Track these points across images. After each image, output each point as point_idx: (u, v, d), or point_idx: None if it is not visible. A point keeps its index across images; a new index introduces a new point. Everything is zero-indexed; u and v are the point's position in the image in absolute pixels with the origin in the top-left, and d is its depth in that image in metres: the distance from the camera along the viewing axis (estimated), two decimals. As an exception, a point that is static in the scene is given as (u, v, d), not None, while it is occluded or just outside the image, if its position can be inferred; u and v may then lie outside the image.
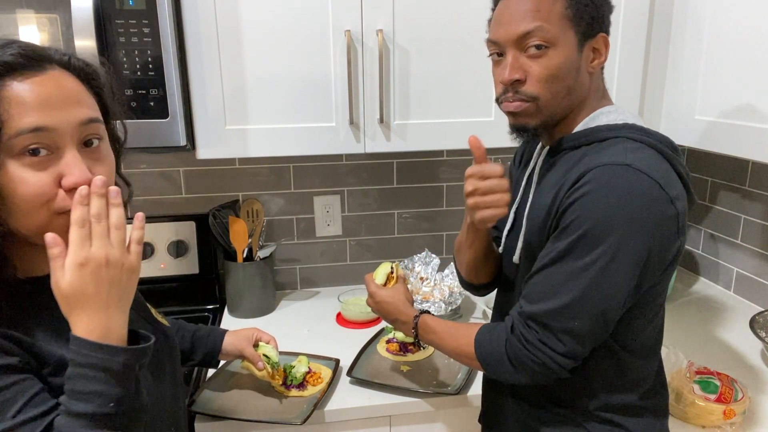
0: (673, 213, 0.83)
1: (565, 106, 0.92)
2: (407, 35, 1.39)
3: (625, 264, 0.82)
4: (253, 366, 1.19)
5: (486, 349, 0.93)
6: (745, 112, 1.22)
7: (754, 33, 1.19)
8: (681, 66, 1.41)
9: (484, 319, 1.66)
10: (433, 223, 1.92)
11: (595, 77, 0.94)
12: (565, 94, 0.90)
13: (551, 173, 0.94)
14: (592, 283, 0.82)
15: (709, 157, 1.83)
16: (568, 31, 0.87)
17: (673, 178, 0.85)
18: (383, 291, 1.19)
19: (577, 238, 0.82)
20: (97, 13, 1.17)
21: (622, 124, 0.90)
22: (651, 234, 0.82)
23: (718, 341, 1.52)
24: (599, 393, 0.93)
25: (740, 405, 1.17)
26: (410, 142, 1.46)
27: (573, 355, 0.86)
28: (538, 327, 0.87)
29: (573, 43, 0.88)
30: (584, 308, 0.83)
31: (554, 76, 0.88)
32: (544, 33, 0.86)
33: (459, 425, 1.33)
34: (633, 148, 0.85)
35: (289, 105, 1.39)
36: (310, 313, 1.72)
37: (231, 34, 1.33)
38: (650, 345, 0.95)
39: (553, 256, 0.85)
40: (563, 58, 0.87)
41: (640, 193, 0.81)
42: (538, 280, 0.88)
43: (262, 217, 1.73)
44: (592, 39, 0.89)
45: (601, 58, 0.91)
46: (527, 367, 0.88)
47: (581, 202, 0.82)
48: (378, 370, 1.38)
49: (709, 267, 1.88)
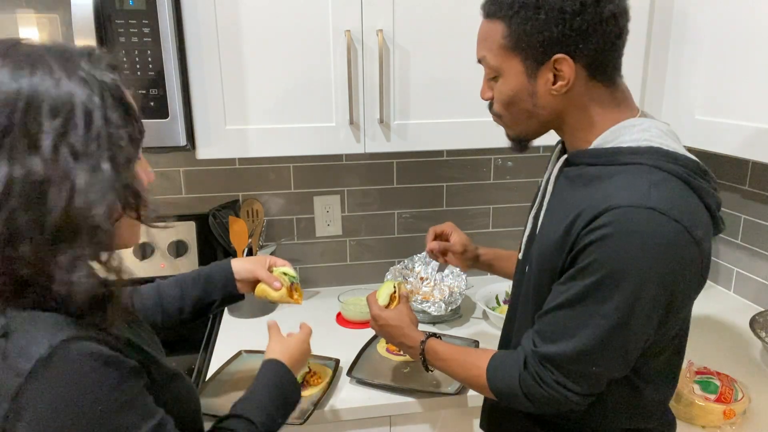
0: (698, 256, 0.80)
1: (534, 127, 0.91)
2: (407, 35, 1.39)
3: (646, 310, 0.79)
4: (269, 289, 1.12)
5: (499, 384, 0.92)
6: (745, 112, 1.22)
7: (754, 33, 1.19)
8: (681, 66, 1.41)
9: (484, 319, 1.66)
10: (433, 223, 1.90)
11: (572, 96, 0.86)
12: (526, 117, 0.90)
13: (568, 188, 0.89)
14: (612, 329, 0.79)
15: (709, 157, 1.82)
16: (512, 60, 0.86)
17: (700, 215, 0.81)
18: (387, 313, 1.16)
19: (597, 282, 0.79)
20: (97, 13, 1.17)
21: (647, 148, 0.82)
22: (674, 279, 0.79)
23: (718, 341, 1.52)
24: (613, 417, 0.92)
25: (740, 405, 1.17)
26: (410, 142, 1.46)
27: (590, 393, 0.85)
28: (554, 368, 0.84)
29: (519, 71, 0.86)
30: (604, 353, 0.81)
31: (507, 101, 0.89)
32: (488, 63, 0.89)
33: (459, 425, 1.33)
34: (657, 182, 0.79)
35: (289, 105, 1.39)
36: (310, 313, 1.72)
37: (231, 34, 1.33)
38: (666, 372, 0.93)
39: (570, 296, 0.82)
40: (510, 86, 0.87)
41: (666, 240, 0.76)
42: (555, 319, 0.84)
43: (262, 217, 1.73)
44: (547, 63, 0.83)
45: (564, 79, 0.84)
46: (542, 403, 0.87)
47: (600, 245, 0.78)
48: (378, 370, 1.37)
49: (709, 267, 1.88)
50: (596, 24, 0.81)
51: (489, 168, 1.90)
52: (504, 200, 1.93)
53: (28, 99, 0.61)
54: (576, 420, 0.93)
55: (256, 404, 0.89)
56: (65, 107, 0.62)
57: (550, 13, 0.80)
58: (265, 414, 0.87)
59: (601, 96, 0.87)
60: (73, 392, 0.61)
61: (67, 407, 0.61)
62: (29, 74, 0.62)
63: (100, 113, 0.65)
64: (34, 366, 0.59)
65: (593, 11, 0.80)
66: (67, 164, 0.62)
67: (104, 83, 0.66)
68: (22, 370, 0.59)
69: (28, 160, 0.61)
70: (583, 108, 0.87)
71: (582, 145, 0.89)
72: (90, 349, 0.62)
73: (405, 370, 1.38)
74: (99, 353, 0.63)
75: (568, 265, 0.83)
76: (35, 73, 0.62)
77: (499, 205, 1.93)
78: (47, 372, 0.60)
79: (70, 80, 0.63)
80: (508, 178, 1.92)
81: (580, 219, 0.81)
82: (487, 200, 1.93)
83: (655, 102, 1.49)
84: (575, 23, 0.80)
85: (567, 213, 0.84)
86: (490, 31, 0.87)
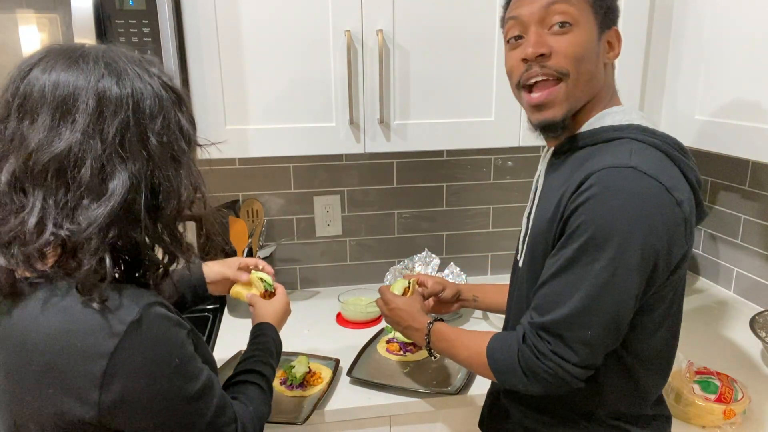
0: (680, 216, 0.82)
1: (587, 95, 0.90)
2: (407, 35, 1.39)
3: (632, 267, 0.80)
4: (242, 291, 1.18)
5: (498, 360, 0.92)
6: (745, 112, 1.22)
7: (754, 32, 1.19)
8: (681, 66, 1.41)
9: (484, 320, 1.66)
10: (433, 223, 1.92)
11: (609, 73, 0.93)
12: (588, 78, 0.88)
13: (555, 175, 0.93)
14: (601, 289, 0.81)
15: (709, 157, 1.82)
16: (590, 15, 0.88)
17: (680, 182, 0.84)
18: (399, 299, 1.19)
19: (583, 244, 0.81)
20: (97, 13, 1.17)
21: (627, 125, 0.88)
22: (657, 237, 0.80)
23: (718, 341, 1.52)
24: (608, 401, 0.92)
25: (740, 405, 1.17)
26: (410, 142, 1.46)
27: (587, 365, 0.85)
28: (550, 337, 0.85)
29: (594, 28, 0.88)
30: (595, 315, 0.82)
31: (580, 54, 0.86)
32: (569, 8, 0.86)
33: (459, 425, 1.33)
34: (638, 150, 0.84)
35: (289, 105, 1.39)
36: (310, 313, 1.72)
37: (231, 34, 1.33)
38: (661, 355, 0.93)
39: (560, 264, 0.84)
40: (587, 38, 0.87)
41: (646, 196, 0.79)
42: (548, 290, 0.86)
43: (262, 217, 1.73)
44: (608, 30, 0.90)
45: (615, 50, 0.91)
46: (540, 377, 0.86)
47: (585, 206, 0.81)
48: (378, 370, 1.37)
49: (709, 267, 1.88)
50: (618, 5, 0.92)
51: (489, 168, 1.90)
52: (504, 200, 1.93)
53: (134, 102, 0.71)
54: (572, 406, 0.94)
55: (262, 360, 1.01)
56: (160, 110, 0.73)
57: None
58: (269, 367, 1.01)
59: (611, 79, 0.95)
60: (157, 347, 0.71)
61: (153, 360, 0.71)
62: (129, 80, 0.71)
63: (182, 117, 0.77)
64: (128, 327, 0.69)
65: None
66: (170, 161, 0.74)
67: (177, 90, 0.78)
68: (118, 331, 0.68)
69: (142, 155, 0.71)
70: (608, 87, 0.93)
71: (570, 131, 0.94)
72: (165, 313, 0.74)
73: (405, 370, 1.38)
74: (169, 315, 0.74)
75: (558, 235, 0.86)
76: (132, 79, 0.72)
77: (499, 205, 1.93)
78: (137, 332, 0.70)
79: (155, 86, 0.74)
80: (508, 178, 1.92)
81: (568, 190, 0.85)
82: (487, 200, 1.93)
83: (655, 102, 1.49)
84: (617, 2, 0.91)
85: (556, 192, 0.87)
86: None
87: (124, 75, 0.71)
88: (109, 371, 0.68)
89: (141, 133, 0.71)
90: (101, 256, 0.69)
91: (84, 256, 0.69)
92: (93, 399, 0.68)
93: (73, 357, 0.68)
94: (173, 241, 0.78)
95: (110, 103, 0.69)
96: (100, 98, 0.69)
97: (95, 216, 0.68)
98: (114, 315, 0.69)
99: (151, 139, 0.72)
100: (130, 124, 0.70)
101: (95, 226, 0.68)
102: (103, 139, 0.69)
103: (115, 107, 0.69)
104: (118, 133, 0.69)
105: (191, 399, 0.76)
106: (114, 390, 0.69)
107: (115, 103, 0.70)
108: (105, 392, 0.68)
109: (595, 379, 0.89)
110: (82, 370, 0.68)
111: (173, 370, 0.73)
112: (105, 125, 0.69)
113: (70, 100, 0.68)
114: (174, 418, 0.75)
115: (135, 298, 0.71)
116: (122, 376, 0.69)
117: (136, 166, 0.71)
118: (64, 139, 0.68)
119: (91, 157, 0.68)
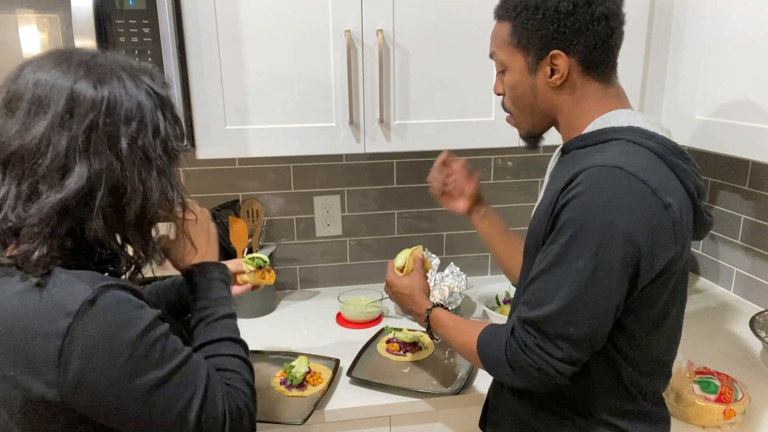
0: (666, 219, 0.82)
1: (537, 120, 0.99)
2: (407, 35, 1.39)
3: (613, 265, 0.81)
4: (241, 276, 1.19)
5: (487, 350, 0.94)
6: (745, 112, 1.22)
7: (754, 33, 1.19)
8: (681, 66, 1.41)
9: (484, 319, 1.66)
10: (433, 223, 1.92)
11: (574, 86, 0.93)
12: (530, 110, 0.98)
13: (558, 172, 0.96)
14: (582, 287, 0.82)
15: (709, 157, 1.82)
16: (516, 55, 0.95)
17: (672, 185, 0.84)
18: (400, 281, 1.19)
19: (569, 240, 0.82)
20: (97, 13, 1.17)
21: (627, 127, 0.89)
22: (641, 237, 0.81)
23: (718, 341, 1.52)
24: (603, 400, 0.93)
25: (740, 405, 1.17)
26: (410, 142, 1.46)
27: (571, 361, 0.85)
28: (536, 332, 0.86)
29: (522, 67, 0.95)
30: (578, 312, 0.83)
31: (514, 95, 0.98)
32: (497, 58, 0.99)
33: (459, 425, 1.33)
34: (630, 151, 0.85)
35: (289, 105, 1.39)
36: (310, 313, 1.72)
37: (231, 34, 1.33)
38: (656, 361, 0.94)
39: (549, 260, 0.85)
40: (515, 80, 0.97)
41: (630, 196, 0.80)
42: (538, 285, 0.87)
43: (262, 217, 1.73)
44: (546, 57, 0.92)
45: (559, 72, 0.92)
46: (525, 371, 0.87)
47: (572, 203, 0.82)
48: (378, 370, 1.38)
49: (709, 267, 1.88)
50: (587, 23, 0.90)
51: (489, 168, 1.90)
52: (504, 200, 1.93)
53: (108, 105, 0.75)
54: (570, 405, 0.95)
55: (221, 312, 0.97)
56: (137, 115, 0.77)
57: (547, 14, 0.90)
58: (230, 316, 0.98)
59: (595, 91, 0.94)
60: (114, 328, 0.72)
61: (111, 340, 0.72)
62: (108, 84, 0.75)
63: (162, 124, 0.80)
64: (80, 307, 0.71)
65: (584, 12, 0.89)
66: (140, 164, 0.77)
67: (162, 97, 0.81)
68: (71, 310, 0.70)
69: (108, 156, 0.74)
70: (577, 101, 0.94)
71: (575, 135, 0.96)
72: (124, 294, 0.75)
73: (405, 370, 1.38)
74: (130, 298, 0.76)
75: (549, 230, 0.88)
76: (112, 83, 0.76)
77: (499, 205, 1.93)
78: (91, 311, 0.71)
79: (138, 92, 0.77)
80: (508, 178, 1.92)
81: (560, 187, 0.86)
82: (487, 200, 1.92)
83: (655, 102, 1.49)
84: (569, 22, 0.90)
85: (553, 189, 0.89)
86: (499, 30, 0.97)
87: (104, 79, 0.75)
88: (65, 350, 0.70)
89: (111, 135, 0.75)
90: (50, 243, 0.73)
91: (29, 242, 0.72)
92: (53, 379, 0.70)
93: (30, 338, 0.70)
94: (139, 240, 0.81)
95: (82, 103, 0.74)
96: (73, 98, 0.73)
97: (43, 205, 0.72)
98: (69, 295, 0.71)
99: (121, 141, 0.75)
100: (99, 125, 0.74)
101: (40, 215, 0.72)
102: (70, 137, 0.73)
103: (86, 108, 0.74)
104: (85, 132, 0.73)
105: (160, 382, 0.75)
106: (72, 369, 0.70)
107: (89, 104, 0.74)
108: (63, 372, 0.70)
109: (590, 378, 0.90)
110: (40, 351, 0.70)
111: (134, 352, 0.73)
112: (74, 123, 0.73)
113: (45, 98, 0.73)
114: (141, 403, 0.74)
115: (91, 280, 0.74)
116: (79, 355, 0.70)
117: (99, 165, 0.74)
118: (32, 132, 0.73)
119: (54, 151, 0.72)
